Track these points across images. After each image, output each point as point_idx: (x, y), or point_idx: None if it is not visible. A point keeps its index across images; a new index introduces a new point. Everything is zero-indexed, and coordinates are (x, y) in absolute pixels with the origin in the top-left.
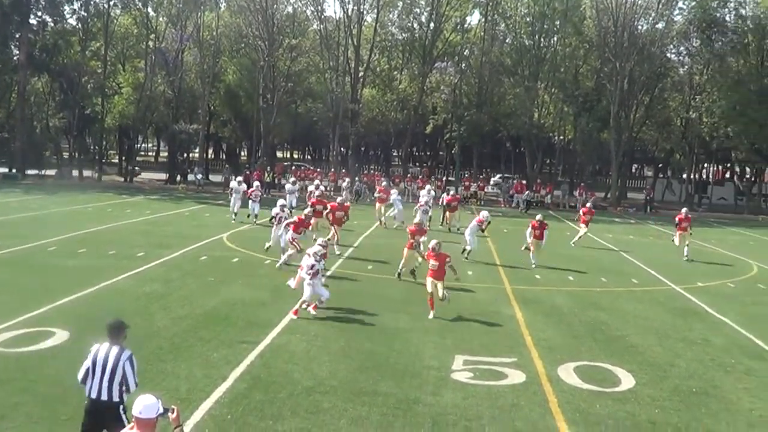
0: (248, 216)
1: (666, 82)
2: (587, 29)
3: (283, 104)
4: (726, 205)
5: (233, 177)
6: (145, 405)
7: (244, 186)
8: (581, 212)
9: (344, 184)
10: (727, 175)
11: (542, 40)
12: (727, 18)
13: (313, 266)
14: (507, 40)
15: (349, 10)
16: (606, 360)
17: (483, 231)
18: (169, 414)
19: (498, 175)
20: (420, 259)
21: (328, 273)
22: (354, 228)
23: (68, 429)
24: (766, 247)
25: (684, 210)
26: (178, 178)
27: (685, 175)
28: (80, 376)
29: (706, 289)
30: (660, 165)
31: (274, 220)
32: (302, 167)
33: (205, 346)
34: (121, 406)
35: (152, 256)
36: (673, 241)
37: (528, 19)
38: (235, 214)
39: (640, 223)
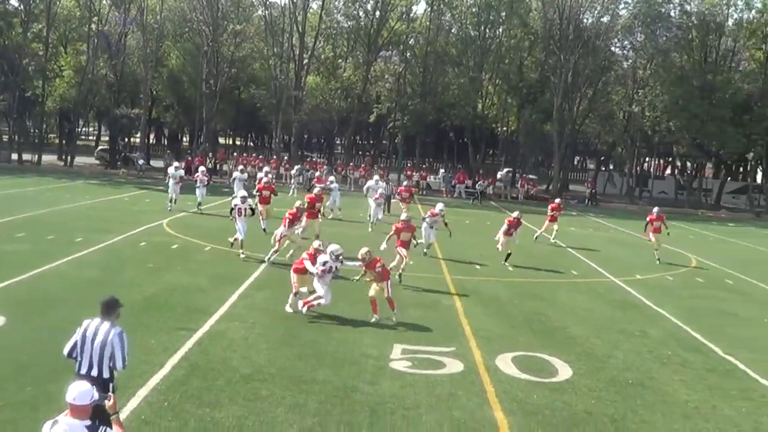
0: (198, 204)
1: (610, 76)
2: (533, 21)
3: (227, 90)
4: (666, 199)
5: (172, 162)
6: (79, 391)
7: (182, 172)
8: (550, 208)
9: (293, 172)
10: (668, 170)
11: (488, 31)
12: (672, 13)
13: (325, 263)
14: (452, 30)
15: None
16: (544, 350)
17: (446, 225)
18: (106, 401)
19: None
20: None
21: (272, 259)
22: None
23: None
24: (705, 241)
25: (655, 210)
26: (119, 163)
27: (626, 169)
28: (66, 350)
29: (644, 281)
30: (602, 158)
31: (234, 212)
32: (244, 154)
33: (143, 332)
34: (111, 384)
35: (92, 242)
36: (650, 240)
37: (474, 10)
38: (174, 202)
39: (581, 215)
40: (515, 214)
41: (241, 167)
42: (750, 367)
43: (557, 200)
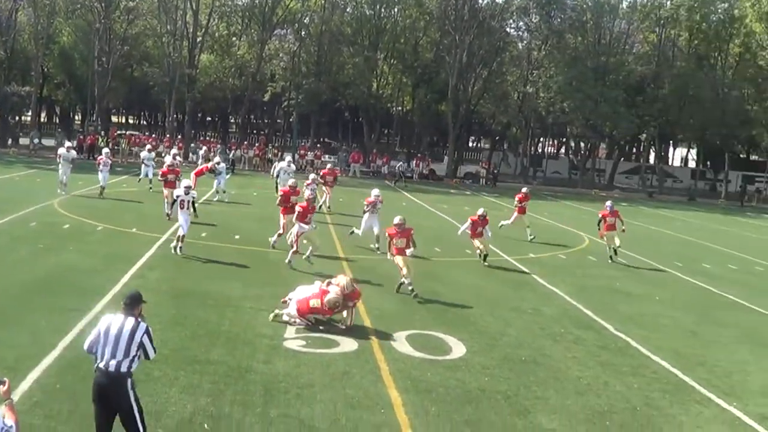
0: (102, 189)
1: (504, 57)
2: (428, 1)
3: (119, 68)
4: (560, 179)
5: (63, 142)
6: None
7: (74, 153)
8: (517, 199)
9: (201, 152)
10: (562, 150)
11: (383, 10)
12: None
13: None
14: (347, 10)
15: None
16: (438, 329)
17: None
18: (0, 387)
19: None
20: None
21: (162, 238)
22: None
23: None
24: (597, 221)
25: (608, 204)
26: (9, 141)
27: (521, 149)
28: (86, 345)
29: (538, 260)
30: (497, 138)
31: (176, 204)
32: (134, 135)
33: (34, 313)
34: (129, 380)
35: None
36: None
37: None
38: (64, 185)
39: (475, 194)
40: (480, 211)
41: (149, 146)
42: (641, 344)
43: (524, 189)
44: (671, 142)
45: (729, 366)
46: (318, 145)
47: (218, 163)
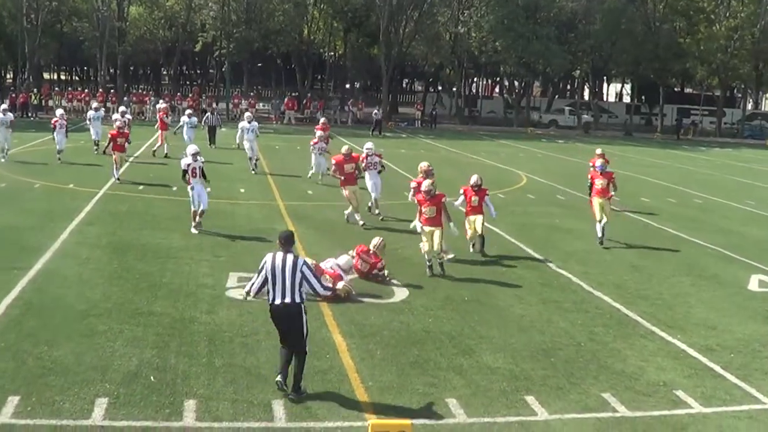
0: (59, 152)
1: None
2: None
3: (48, 24)
4: (495, 119)
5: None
6: None
7: (10, 115)
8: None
9: (159, 106)
10: (497, 89)
11: None
12: None
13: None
14: None
15: None
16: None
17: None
18: None
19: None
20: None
21: (99, 193)
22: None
23: None
24: (534, 159)
25: (598, 162)
26: None
27: (455, 90)
28: (254, 289)
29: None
30: (430, 79)
31: (188, 175)
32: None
33: None
34: (303, 306)
35: None
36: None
37: None
38: (5, 152)
39: (411, 137)
40: (473, 179)
41: (96, 104)
42: (583, 280)
43: (322, 120)
44: (605, 77)
45: (671, 299)
46: (251, 94)
47: (190, 116)
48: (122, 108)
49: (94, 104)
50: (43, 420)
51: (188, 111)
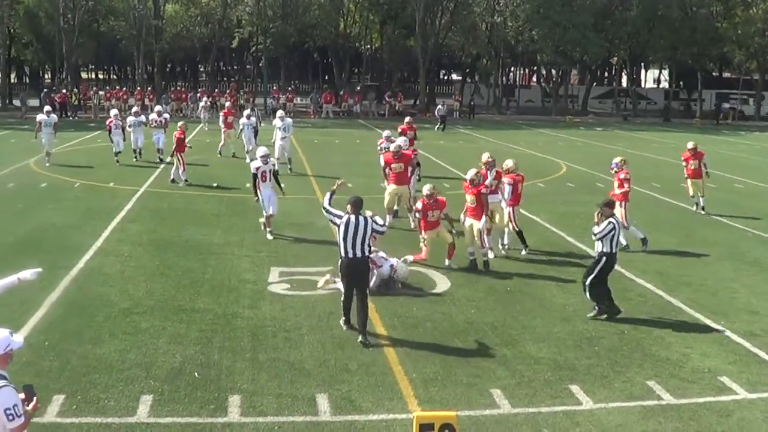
0: (116, 154)
1: None
2: None
3: (85, 24)
4: (533, 108)
5: (42, 100)
6: None
7: (55, 117)
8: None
9: (201, 104)
10: (534, 78)
11: None
12: None
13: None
14: None
15: None
16: (421, 264)
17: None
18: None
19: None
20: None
21: (140, 191)
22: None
23: None
24: (573, 147)
25: (690, 144)
26: None
27: (492, 79)
28: (333, 213)
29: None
30: (467, 70)
31: (257, 180)
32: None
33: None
34: (369, 256)
35: None
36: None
37: None
38: (48, 156)
39: (450, 128)
40: (486, 157)
41: (135, 109)
42: (625, 268)
43: (406, 119)
44: (643, 64)
45: (714, 285)
46: (289, 88)
47: (249, 116)
48: (158, 108)
49: (134, 108)
50: (89, 418)
51: (247, 111)
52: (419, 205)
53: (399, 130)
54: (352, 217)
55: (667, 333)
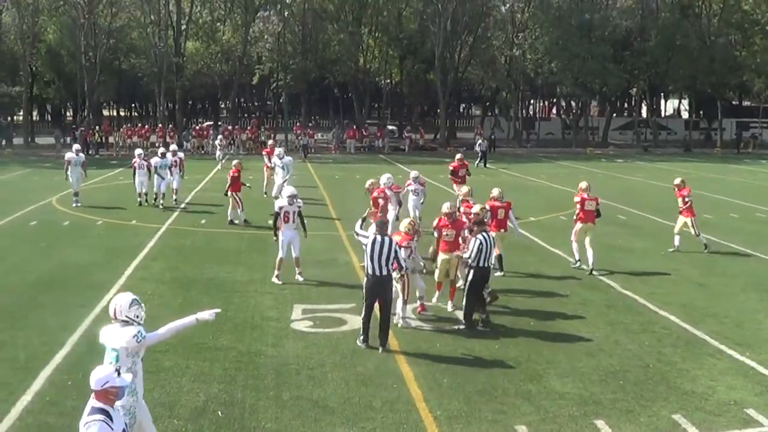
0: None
1: (489, 21)
2: None
3: (107, 62)
4: (554, 140)
5: (69, 140)
6: (92, 375)
7: (82, 156)
8: (452, 168)
9: (216, 141)
10: (554, 110)
11: None
12: None
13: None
14: None
15: None
16: (442, 299)
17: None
18: None
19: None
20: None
21: (162, 228)
22: (185, 182)
23: None
24: (594, 178)
25: (678, 180)
26: (3, 142)
27: (512, 112)
28: (361, 236)
29: (538, 223)
30: (487, 103)
31: (279, 220)
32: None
33: (41, 312)
34: (392, 277)
35: None
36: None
37: None
38: (77, 195)
39: (470, 161)
40: (494, 192)
41: (162, 150)
42: (648, 301)
43: (458, 156)
44: (662, 94)
45: (738, 316)
46: (310, 124)
47: (281, 156)
48: (173, 146)
49: (160, 150)
50: None
51: (279, 150)
52: (436, 222)
53: (450, 167)
54: (378, 237)
55: (693, 365)
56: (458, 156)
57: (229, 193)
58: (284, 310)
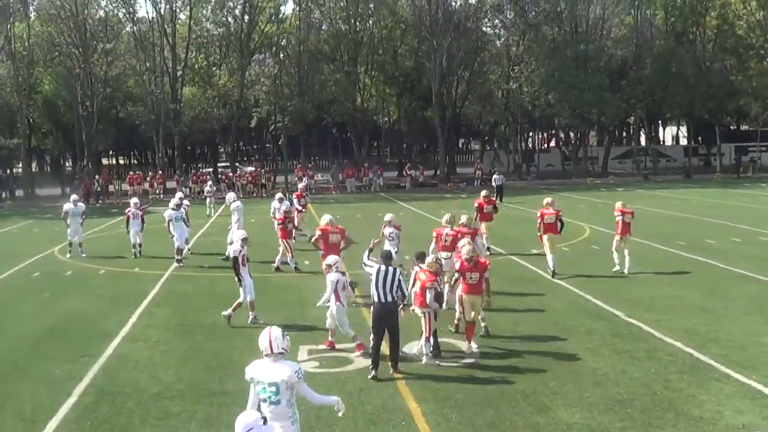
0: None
1: (484, 56)
2: (402, 9)
3: (104, 110)
4: (554, 171)
5: (69, 189)
6: (238, 421)
7: (82, 206)
8: (478, 205)
9: (206, 188)
10: (553, 142)
11: (358, 23)
12: None
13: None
14: (323, 27)
15: (162, 9)
16: (448, 334)
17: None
18: None
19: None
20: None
21: (165, 275)
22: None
23: None
24: (595, 209)
25: (619, 204)
26: (3, 195)
27: (511, 146)
28: (369, 268)
29: (540, 255)
30: (486, 137)
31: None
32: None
33: (47, 363)
34: (396, 306)
35: None
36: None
37: (342, 4)
38: (81, 246)
39: (471, 196)
40: (547, 200)
41: (176, 200)
42: (653, 328)
43: (483, 193)
44: (660, 121)
45: (743, 339)
46: (309, 165)
47: (281, 200)
48: (179, 194)
49: (175, 200)
50: None
51: (278, 195)
52: (458, 265)
53: (476, 204)
54: (383, 267)
55: (699, 391)
56: (484, 193)
57: (281, 240)
58: (290, 351)
